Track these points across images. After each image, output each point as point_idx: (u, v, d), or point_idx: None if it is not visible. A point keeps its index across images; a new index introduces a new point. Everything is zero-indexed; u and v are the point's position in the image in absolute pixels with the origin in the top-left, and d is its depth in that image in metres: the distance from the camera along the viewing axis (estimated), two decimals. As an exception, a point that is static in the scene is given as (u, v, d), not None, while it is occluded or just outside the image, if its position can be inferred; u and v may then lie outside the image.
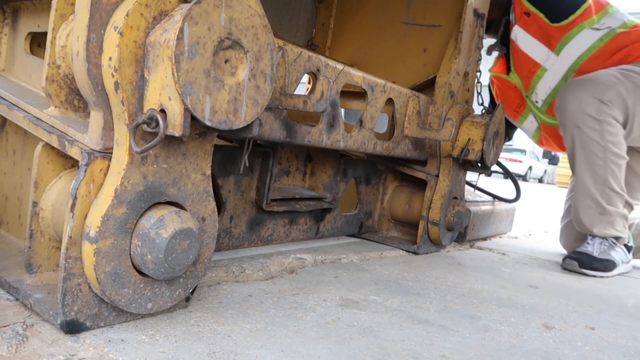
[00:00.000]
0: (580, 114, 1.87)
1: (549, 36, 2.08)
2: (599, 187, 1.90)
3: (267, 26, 0.84)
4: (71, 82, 0.92)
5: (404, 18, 2.04)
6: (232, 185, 1.35)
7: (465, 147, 1.73)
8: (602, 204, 1.91)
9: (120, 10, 0.76)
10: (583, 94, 1.87)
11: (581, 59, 2.06)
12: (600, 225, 1.93)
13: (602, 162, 1.88)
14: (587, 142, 1.88)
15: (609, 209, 1.91)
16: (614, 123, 1.87)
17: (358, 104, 2.04)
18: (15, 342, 0.72)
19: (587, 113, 1.85)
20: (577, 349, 1.04)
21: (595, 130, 1.86)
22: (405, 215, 1.92)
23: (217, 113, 0.78)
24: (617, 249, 1.92)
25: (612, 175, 1.90)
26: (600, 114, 1.85)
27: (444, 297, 1.28)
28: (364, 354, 0.86)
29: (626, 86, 1.87)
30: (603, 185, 1.90)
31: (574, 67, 2.08)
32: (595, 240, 1.94)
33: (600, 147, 1.87)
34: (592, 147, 1.88)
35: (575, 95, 1.89)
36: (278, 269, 1.31)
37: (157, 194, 0.82)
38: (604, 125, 1.86)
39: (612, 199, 1.92)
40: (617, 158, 1.89)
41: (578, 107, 1.87)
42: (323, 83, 1.26)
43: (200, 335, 0.84)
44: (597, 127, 1.86)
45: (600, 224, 1.93)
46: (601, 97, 1.84)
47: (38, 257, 0.90)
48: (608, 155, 1.87)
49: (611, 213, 1.92)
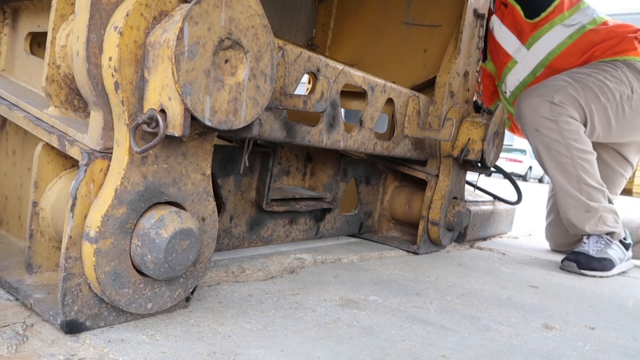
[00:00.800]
0: (536, 118, 1.92)
1: (522, 30, 2.12)
2: (575, 184, 1.92)
3: (267, 26, 0.84)
4: (71, 82, 0.92)
5: (404, 18, 2.04)
6: (232, 185, 1.35)
7: (465, 147, 1.73)
8: (584, 201, 1.92)
9: (120, 10, 0.76)
10: (535, 99, 1.93)
11: (551, 55, 2.10)
12: (591, 223, 1.93)
13: (570, 160, 1.91)
14: (549, 143, 1.92)
15: (593, 205, 1.92)
16: (571, 121, 1.90)
17: (358, 104, 2.04)
18: (15, 342, 0.72)
19: (542, 115, 1.91)
20: (577, 349, 1.04)
21: (554, 130, 1.90)
22: (405, 215, 1.92)
23: (217, 113, 0.78)
24: (613, 246, 1.93)
25: (583, 171, 1.92)
26: (554, 115, 1.89)
27: (444, 297, 1.28)
28: (364, 354, 0.86)
29: (575, 87, 1.93)
30: (578, 182, 1.92)
31: (544, 62, 2.13)
32: (590, 239, 1.94)
33: (563, 146, 1.90)
34: (555, 146, 1.91)
35: (529, 102, 1.94)
36: (278, 269, 1.31)
37: (157, 194, 0.82)
38: (561, 124, 1.90)
39: (591, 194, 1.93)
40: (583, 153, 1.91)
41: (532, 111, 1.92)
42: (323, 83, 1.26)
43: (200, 335, 0.84)
44: (554, 127, 1.90)
45: (589, 222, 1.93)
46: (552, 99, 1.90)
47: (38, 257, 0.90)
48: (573, 152, 1.90)
49: (597, 209, 1.93)
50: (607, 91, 1.95)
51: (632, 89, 1.98)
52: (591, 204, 1.92)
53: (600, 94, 1.94)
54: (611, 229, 1.94)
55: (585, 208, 1.92)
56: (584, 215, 1.93)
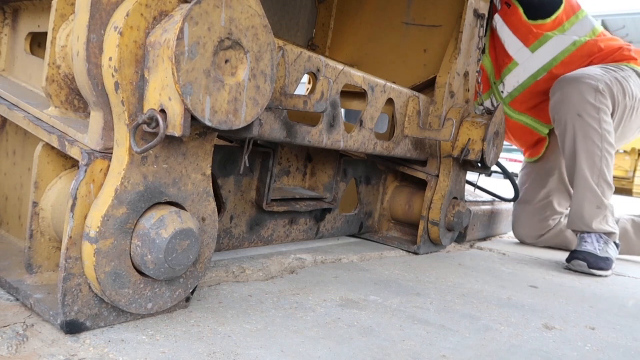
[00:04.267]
0: (582, 102, 1.92)
1: (527, 32, 2.14)
2: (596, 179, 1.94)
3: (267, 26, 0.84)
4: (71, 82, 0.92)
5: (404, 18, 2.04)
6: (232, 185, 1.35)
7: (465, 147, 1.73)
8: (600, 196, 1.93)
9: (120, 10, 0.76)
10: (582, 84, 1.93)
11: (555, 60, 2.14)
12: (597, 220, 1.94)
13: (599, 152, 1.93)
14: (588, 131, 1.93)
15: (605, 202, 1.94)
16: (608, 112, 1.94)
17: (358, 104, 2.04)
18: (15, 342, 0.72)
19: (588, 101, 1.91)
20: (577, 349, 1.04)
21: (595, 118, 1.91)
22: (405, 215, 1.92)
23: (217, 113, 0.78)
24: (610, 245, 1.94)
25: (606, 166, 1.94)
26: (597, 102, 1.91)
27: (444, 297, 1.28)
28: (364, 354, 0.86)
29: (609, 78, 1.96)
30: (599, 176, 1.94)
31: (547, 67, 2.16)
32: (592, 237, 1.94)
33: (598, 135, 1.92)
34: (592, 135, 1.93)
35: (577, 86, 1.94)
36: (278, 269, 1.31)
37: (157, 194, 0.82)
38: (601, 114, 1.92)
39: (605, 191, 1.95)
40: (611, 148, 1.94)
41: (580, 95, 1.92)
42: (323, 83, 1.26)
43: (200, 335, 0.84)
44: (596, 115, 1.91)
45: (597, 218, 1.94)
46: (597, 86, 1.92)
47: (38, 257, 0.90)
48: (604, 145, 1.92)
49: (606, 207, 1.95)
50: (628, 89, 2.00)
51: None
52: (604, 201, 1.93)
53: (626, 91, 1.99)
54: (612, 230, 1.95)
55: (598, 204, 1.94)
56: (595, 210, 1.94)
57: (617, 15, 13.06)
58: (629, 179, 12.32)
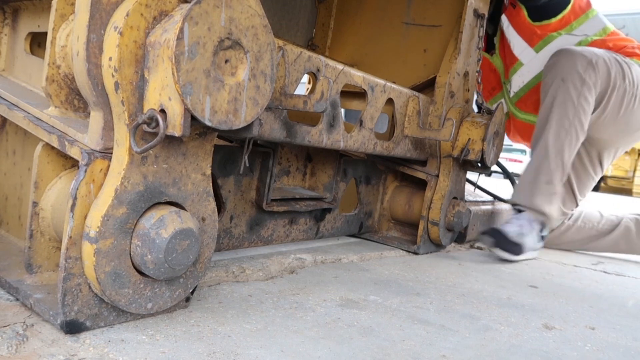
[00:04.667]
0: (570, 69, 1.89)
1: (531, 33, 2.13)
2: (554, 152, 1.89)
3: (267, 26, 0.84)
4: (71, 82, 0.92)
5: (404, 18, 2.04)
6: (232, 185, 1.35)
7: (465, 147, 1.73)
8: (552, 172, 1.89)
9: (120, 10, 0.76)
10: (576, 54, 1.91)
11: None
12: (542, 197, 1.90)
13: (568, 126, 1.88)
14: (565, 99, 1.89)
15: (555, 180, 1.89)
16: (592, 92, 1.89)
17: (358, 104, 2.04)
18: (15, 342, 0.72)
19: (577, 69, 1.88)
20: (577, 349, 1.04)
21: (576, 88, 1.87)
22: (405, 215, 1.92)
23: (217, 113, 0.78)
24: (533, 234, 1.91)
25: (568, 145, 1.89)
26: (586, 74, 1.88)
27: (444, 297, 1.28)
28: (364, 354, 0.86)
29: (609, 58, 1.94)
30: (560, 151, 1.89)
31: None
32: (522, 219, 1.91)
33: (572, 109, 1.88)
34: (567, 105, 1.88)
35: (571, 54, 1.92)
36: (278, 269, 1.31)
37: (157, 194, 0.82)
38: (584, 88, 1.88)
39: (558, 170, 1.90)
40: (580, 128, 1.89)
41: (570, 62, 1.90)
42: (323, 83, 1.26)
43: (200, 335, 0.84)
44: (579, 86, 1.87)
45: (542, 195, 1.90)
46: (591, 59, 1.89)
47: (38, 257, 0.90)
48: (575, 121, 1.88)
49: (555, 186, 1.89)
50: (630, 76, 1.98)
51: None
52: (555, 179, 1.89)
53: (626, 75, 1.96)
54: (553, 214, 1.91)
55: (549, 179, 1.89)
56: (544, 186, 1.90)
57: (617, 15, 13.05)
58: (629, 179, 12.33)
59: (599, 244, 2.28)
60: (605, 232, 2.26)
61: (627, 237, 2.25)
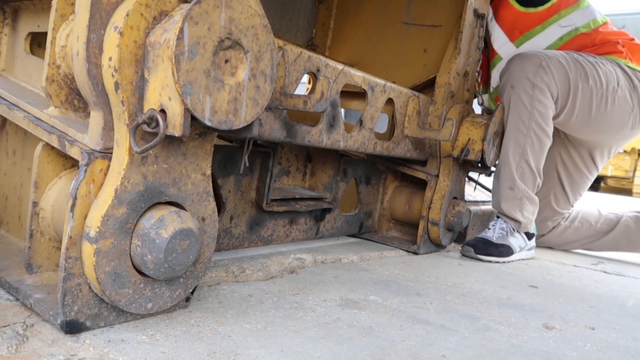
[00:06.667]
0: (519, 75, 1.87)
1: (513, 26, 2.09)
2: (517, 157, 1.87)
3: (267, 26, 0.84)
4: (71, 82, 0.92)
5: (404, 18, 2.04)
6: (232, 185, 1.35)
7: (465, 147, 1.73)
8: (514, 177, 1.88)
9: (120, 10, 0.76)
10: (527, 58, 1.89)
11: None
12: (509, 203, 1.90)
13: (525, 130, 1.86)
14: (517, 105, 1.87)
15: (519, 185, 1.88)
16: (547, 94, 1.86)
17: (358, 104, 2.04)
18: (15, 342, 0.72)
19: (526, 75, 1.86)
20: (577, 349, 1.04)
21: (527, 94, 1.85)
22: (405, 215, 1.92)
23: (217, 113, 0.78)
24: (515, 234, 1.91)
25: (530, 148, 1.87)
26: (536, 79, 1.85)
27: (444, 297, 1.28)
28: (364, 354, 0.86)
29: (567, 60, 1.90)
30: (521, 155, 1.87)
31: None
32: (496, 224, 1.91)
33: (527, 113, 1.85)
34: (520, 109, 1.86)
35: (521, 59, 1.90)
36: (278, 269, 1.31)
37: (157, 194, 0.82)
38: (536, 92, 1.85)
39: (525, 175, 1.88)
40: (540, 131, 1.87)
41: (520, 67, 1.88)
42: (323, 83, 1.26)
43: (200, 335, 0.84)
44: (529, 90, 1.85)
45: (508, 201, 1.90)
46: (541, 61, 1.85)
47: (38, 257, 0.90)
48: (532, 125, 1.85)
49: (521, 191, 1.88)
50: (597, 76, 1.93)
51: (618, 83, 1.97)
52: (518, 183, 1.88)
53: (589, 75, 1.92)
54: (519, 219, 1.91)
55: (511, 184, 1.88)
56: (506, 191, 1.89)
57: (617, 15, 13.05)
58: (629, 179, 12.33)
59: (599, 243, 2.27)
60: (604, 231, 2.26)
61: (627, 235, 2.24)
